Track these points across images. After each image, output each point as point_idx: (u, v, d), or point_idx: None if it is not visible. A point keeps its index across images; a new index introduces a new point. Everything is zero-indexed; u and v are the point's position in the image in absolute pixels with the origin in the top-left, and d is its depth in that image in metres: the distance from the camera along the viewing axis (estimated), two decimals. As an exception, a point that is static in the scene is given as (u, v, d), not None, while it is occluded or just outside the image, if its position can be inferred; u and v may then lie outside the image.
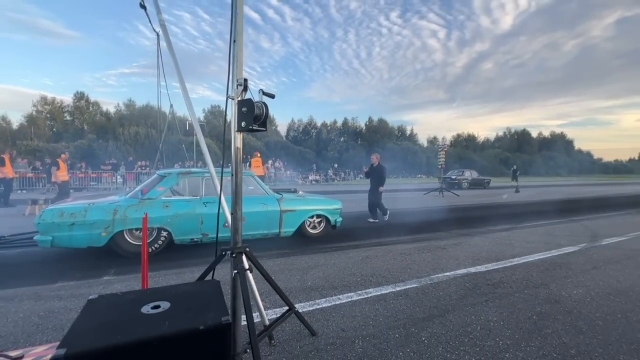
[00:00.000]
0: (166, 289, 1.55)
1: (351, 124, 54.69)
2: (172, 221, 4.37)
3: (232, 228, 1.76)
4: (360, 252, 4.60)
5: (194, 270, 3.71)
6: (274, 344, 2.19)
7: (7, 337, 2.23)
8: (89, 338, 1.10)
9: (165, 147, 11.43)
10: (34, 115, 36.06)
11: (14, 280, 3.35)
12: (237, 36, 1.64)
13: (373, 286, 3.29)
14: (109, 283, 3.34)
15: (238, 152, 1.70)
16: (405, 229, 6.69)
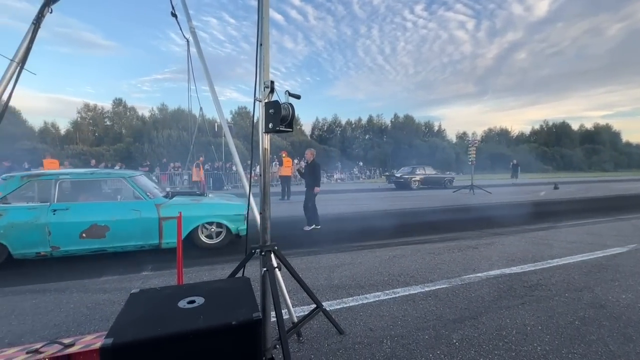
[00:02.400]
0: (200, 285, 1.62)
1: (376, 121, 54.00)
2: (5, 232, 3.78)
3: (260, 227, 1.81)
4: (387, 251, 4.54)
5: (224, 267, 3.84)
6: (302, 340, 2.23)
7: (61, 326, 2.44)
8: (133, 329, 1.18)
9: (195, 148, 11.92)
10: (78, 121, 38.92)
11: (65, 273, 3.66)
12: (263, 40, 1.67)
13: (401, 286, 3.24)
14: (147, 278, 3.54)
15: (266, 152, 1.75)
16: (434, 227, 6.52)
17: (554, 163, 50.15)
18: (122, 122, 40.36)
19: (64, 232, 3.94)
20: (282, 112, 1.59)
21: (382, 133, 52.69)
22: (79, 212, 4.04)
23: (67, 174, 4.32)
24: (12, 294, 3.06)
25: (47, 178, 4.11)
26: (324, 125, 53.05)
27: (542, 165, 46.72)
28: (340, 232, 6.16)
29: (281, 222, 6.26)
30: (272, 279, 1.67)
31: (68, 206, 4.01)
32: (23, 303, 2.84)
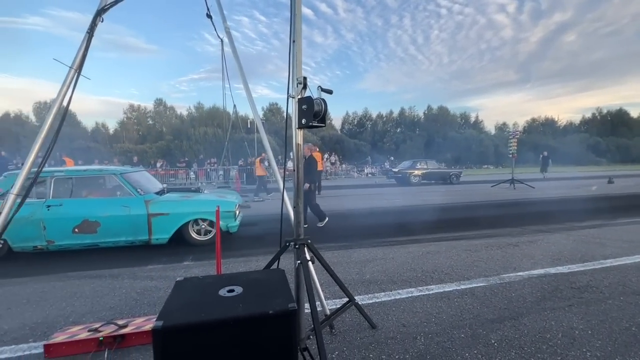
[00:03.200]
0: (238, 275, 1.71)
1: (408, 113, 52.41)
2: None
3: (294, 221, 1.86)
4: (421, 247, 4.44)
5: (259, 259, 3.98)
6: (335, 333, 2.27)
7: (115, 309, 2.69)
8: (179, 314, 1.28)
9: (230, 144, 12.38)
10: (124, 121, 41.93)
11: (117, 261, 4.00)
12: (296, 36, 1.70)
13: (435, 283, 3.16)
14: (189, 267, 3.77)
15: (299, 148, 1.78)
16: (470, 223, 6.26)
17: (609, 155, 45.63)
18: (162, 121, 42.83)
19: (57, 227, 4.08)
20: (315, 108, 1.61)
21: (414, 126, 51.09)
22: (72, 208, 4.17)
23: (62, 171, 4.47)
24: (74, 278, 3.41)
25: (43, 175, 4.20)
26: (354, 119, 52.51)
27: (595, 157, 42.79)
28: (371, 227, 6.12)
29: (311, 216, 6.35)
30: (306, 271, 1.71)
31: (61, 202, 4.16)
32: (83, 287, 3.15)
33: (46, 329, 2.34)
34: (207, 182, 18.19)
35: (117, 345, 2.08)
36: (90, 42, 2.12)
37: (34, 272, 3.64)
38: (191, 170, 19.71)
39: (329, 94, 1.75)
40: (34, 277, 3.47)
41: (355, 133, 49.45)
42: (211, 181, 18.34)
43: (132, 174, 4.92)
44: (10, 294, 2.99)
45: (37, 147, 1.96)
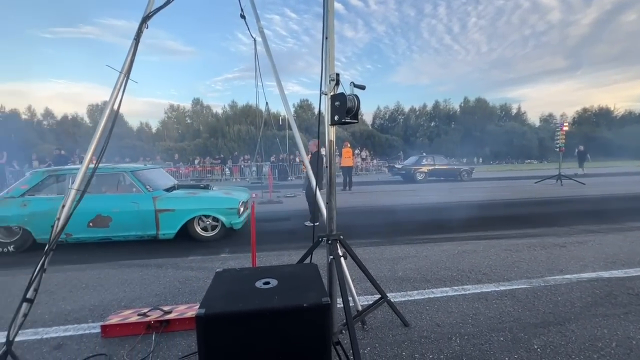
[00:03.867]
0: (273, 268, 1.76)
1: (443, 106, 50.39)
2: (29, 220, 4.29)
3: (327, 217, 1.88)
4: (456, 246, 4.28)
5: (291, 253, 4.07)
6: (367, 329, 2.27)
7: (160, 296, 2.89)
8: (220, 303, 1.35)
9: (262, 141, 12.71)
10: (165, 120, 44.54)
11: (162, 252, 4.30)
12: (328, 33, 1.70)
13: (471, 283, 3.05)
14: (225, 259, 3.96)
15: (331, 145, 1.79)
16: (511, 222, 5.92)
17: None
18: (200, 120, 44.91)
19: (74, 221, 4.27)
20: (347, 104, 1.61)
21: (449, 119, 49.02)
22: (87, 203, 4.32)
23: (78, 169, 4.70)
24: (125, 266, 3.72)
25: (63, 173, 4.62)
26: (386, 113, 51.50)
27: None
28: (403, 223, 6.00)
29: (342, 213, 6.35)
30: (338, 267, 1.73)
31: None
32: (133, 275, 3.43)
33: (102, 312, 2.59)
34: (241, 178, 18.85)
35: (163, 329, 2.25)
36: (137, 48, 2.27)
37: (91, 260, 4.02)
38: (226, 166, 20.50)
39: (361, 90, 1.74)
40: (91, 264, 3.83)
41: (387, 128, 48.51)
42: (245, 177, 18.96)
43: (143, 171, 5.12)
44: (72, 279, 3.33)
45: (93, 147, 2.15)
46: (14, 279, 3.35)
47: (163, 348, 2.08)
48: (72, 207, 2.05)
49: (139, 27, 2.32)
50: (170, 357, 1.97)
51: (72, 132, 33.72)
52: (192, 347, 2.07)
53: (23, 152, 17.57)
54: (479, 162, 39.66)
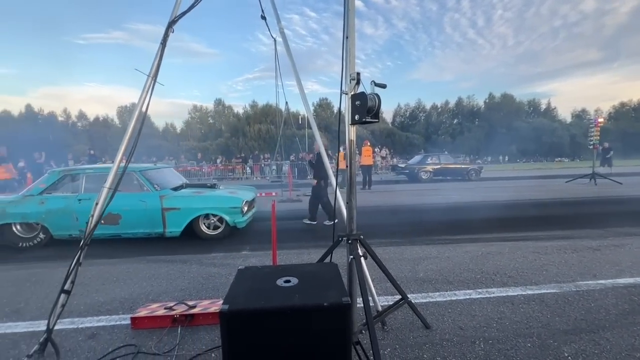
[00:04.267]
0: (294, 267, 1.79)
1: (466, 103, 48.85)
2: (46, 217, 4.56)
3: (347, 217, 1.88)
4: (480, 247, 4.15)
5: (310, 252, 4.10)
6: (387, 329, 2.25)
7: (185, 291, 3.00)
8: (242, 299, 1.39)
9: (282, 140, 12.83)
10: (189, 120, 45.94)
11: (186, 249, 4.45)
12: (349, 32, 1.69)
13: (496, 286, 2.95)
14: (246, 257, 4.04)
15: (352, 144, 1.79)
16: (540, 223, 5.66)
17: None
18: (221, 120, 45.97)
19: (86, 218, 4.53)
20: (368, 103, 1.60)
21: (473, 116, 47.47)
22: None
23: (91, 169, 5.02)
24: (152, 262, 3.88)
25: (77, 172, 4.83)
26: (406, 111, 50.56)
27: None
28: (424, 223, 5.88)
29: (362, 212, 6.31)
30: (359, 266, 1.73)
31: (90, 196, 4.57)
32: (159, 270, 3.58)
33: (131, 304, 2.71)
34: (261, 177, 19.14)
35: (188, 323, 2.33)
36: (163, 52, 2.36)
37: (121, 255, 4.22)
38: (247, 165, 20.88)
39: (382, 89, 1.72)
40: (121, 259, 4.03)
41: (407, 126, 47.65)
42: (265, 176, 19.24)
43: (152, 171, 5.27)
44: (104, 272, 3.52)
45: (123, 147, 2.26)
46: (53, 271, 3.58)
47: (188, 341, 2.16)
48: (104, 204, 2.16)
49: (165, 32, 2.41)
50: (195, 350, 2.04)
51: (103, 133, 35.49)
52: (215, 341, 2.13)
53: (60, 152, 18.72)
54: (504, 160, 38.19)
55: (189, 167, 19.80)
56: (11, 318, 2.54)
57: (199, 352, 2.02)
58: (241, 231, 5.47)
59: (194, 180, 17.67)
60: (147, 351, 2.05)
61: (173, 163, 20.15)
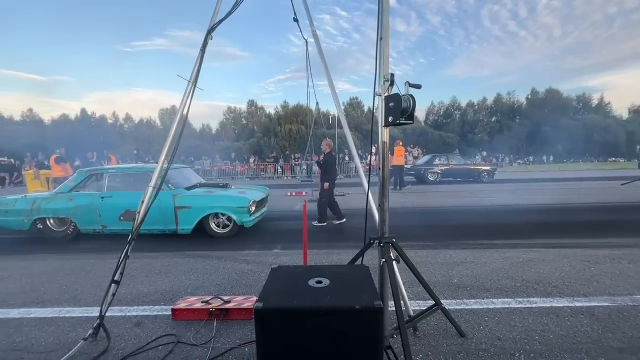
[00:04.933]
0: (325, 268, 1.80)
1: (506, 99, 46.12)
2: (74, 213, 4.98)
3: (379, 219, 1.86)
4: (521, 253, 3.91)
5: (340, 252, 4.10)
6: (419, 335, 2.20)
7: (220, 286, 3.13)
8: (276, 298, 1.43)
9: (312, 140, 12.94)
10: (224, 122, 47.75)
11: (222, 245, 4.64)
12: (383, 33, 1.68)
13: (539, 296, 2.76)
14: (278, 255, 4.13)
15: (385, 146, 1.77)
16: (590, 229, 5.22)
17: None
18: (254, 121, 47.26)
19: (108, 215, 4.94)
20: (403, 105, 1.57)
21: (513, 114, 44.70)
22: (118, 199, 5.00)
23: (114, 169, 5.40)
24: (190, 257, 4.10)
25: (102, 172, 5.24)
26: (440, 109, 48.77)
27: None
28: (460, 227, 5.65)
29: (392, 213, 6.19)
30: (391, 270, 1.70)
31: (112, 194, 5.00)
32: (197, 265, 3.77)
33: (172, 296, 2.89)
34: (292, 177, 19.44)
35: (223, 317, 2.44)
36: (203, 58, 2.49)
37: (162, 249, 4.50)
38: (278, 165, 21.30)
39: (417, 89, 1.68)
40: (163, 253, 4.30)
41: (441, 124, 45.96)
42: (296, 175, 19.51)
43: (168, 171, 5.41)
44: (147, 265, 3.77)
45: (167, 149, 2.41)
46: (104, 262, 3.91)
47: (223, 335, 2.25)
48: (149, 202, 2.32)
49: (205, 39, 2.53)
50: (230, 344, 2.13)
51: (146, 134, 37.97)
52: (249, 336, 2.21)
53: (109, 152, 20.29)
54: (549, 160, 35.55)
55: (223, 167, 20.61)
56: (70, 304, 2.81)
57: (234, 346, 2.10)
58: (273, 230, 5.63)
59: (227, 180, 18.37)
60: (186, 342, 2.17)
61: (208, 163, 21.08)
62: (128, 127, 44.83)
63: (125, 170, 5.50)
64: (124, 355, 2.03)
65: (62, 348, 2.13)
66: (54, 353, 2.08)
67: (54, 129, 36.75)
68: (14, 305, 2.79)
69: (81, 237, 5.15)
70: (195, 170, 19.17)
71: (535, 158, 35.51)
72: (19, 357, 2.06)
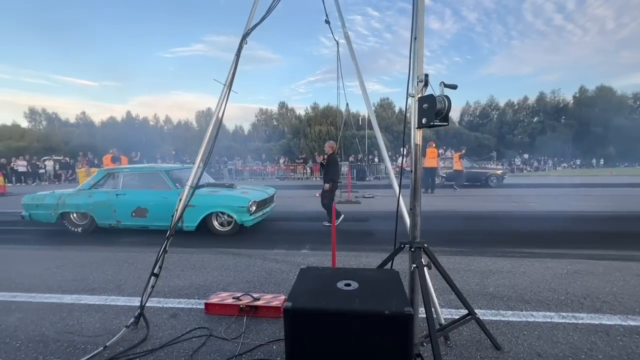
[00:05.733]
0: (354, 271, 1.79)
1: (550, 98, 43.01)
2: (92, 208, 5.42)
3: (410, 223, 1.82)
4: (565, 264, 3.64)
5: (369, 255, 4.05)
6: (450, 345, 2.11)
7: (250, 283, 3.22)
8: (305, 299, 1.45)
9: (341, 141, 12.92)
10: (255, 123, 49.05)
11: (252, 244, 4.77)
12: (418, 33, 1.64)
13: (586, 311, 2.55)
14: (306, 255, 4.17)
15: (417, 148, 1.72)
16: (647, 241, 4.72)
17: None
18: (284, 122, 48.06)
19: (122, 211, 5.34)
20: (437, 106, 1.52)
21: (558, 113, 41.60)
22: (131, 197, 5.39)
23: (128, 169, 5.84)
24: (222, 254, 4.26)
25: (117, 171, 5.71)
26: (476, 109, 46.59)
27: None
28: (496, 233, 5.37)
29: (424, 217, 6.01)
30: (422, 276, 1.66)
31: (125, 192, 5.39)
32: (228, 262, 3.90)
33: (205, 291, 3.01)
34: (320, 177, 19.52)
35: (252, 313, 2.50)
36: (237, 62, 2.57)
37: (197, 245, 4.71)
38: (307, 165, 21.49)
39: (452, 90, 1.63)
40: (197, 249, 4.50)
41: (477, 125, 43.89)
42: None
43: (176, 171, 5.90)
44: (183, 260, 3.97)
45: (203, 150, 2.52)
46: (144, 255, 4.17)
47: (252, 331, 2.31)
48: (187, 200, 2.44)
49: (239, 44, 2.62)
50: (258, 340, 2.18)
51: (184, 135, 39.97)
52: (277, 334, 2.25)
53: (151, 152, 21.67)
54: (598, 164, 32.68)
55: (254, 167, 21.18)
56: (114, 293, 3.03)
57: (262, 343, 2.15)
58: (301, 230, 5.69)
59: (258, 180, 18.82)
60: (218, 335, 2.25)
61: (240, 163, 21.75)
62: (167, 129, 47.45)
63: (137, 170, 5.96)
64: (161, 344, 2.15)
65: (107, 333, 2.30)
66: (100, 337, 2.26)
67: (102, 130, 39.87)
68: (68, 292, 3.06)
69: (125, 231, 5.53)
70: (228, 170, 19.97)
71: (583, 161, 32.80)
72: (71, 339, 2.26)
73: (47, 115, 45.94)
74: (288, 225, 6.04)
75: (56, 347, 2.16)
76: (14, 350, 2.14)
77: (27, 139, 35.35)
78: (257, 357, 2.01)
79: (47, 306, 2.77)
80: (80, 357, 2.03)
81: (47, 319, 2.55)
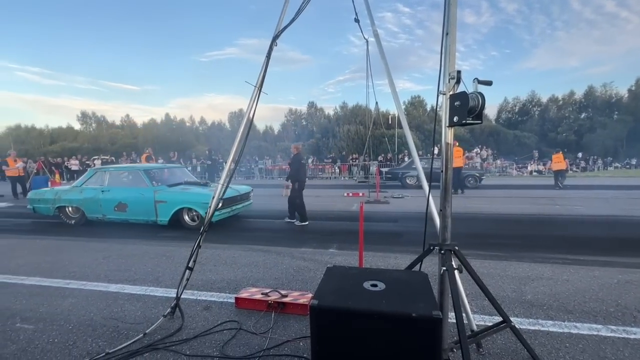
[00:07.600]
0: (381, 272, 1.78)
1: (601, 92, 39.41)
2: (83, 203, 6.06)
3: (440, 225, 1.76)
4: (615, 273, 3.34)
5: (397, 256, 3.98)
6: (483, 353, 2.03)
7: (279, 279, 3.29)
8: (331, 297, 1.46)
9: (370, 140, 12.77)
10: (285, 123, 49.83)
11: (281, 241, 4.87)
12: (449, 28, 1.58)
13: (639, 325, 2.32)
14: (333, 255, 4.18)
15: (448, 147, 1.67)
16: None
17: None
18: (313, 122, 48.37)
19: (106, 205, 5.92)
20: (470, 104, 1.46)
21: (610, 108, 38.08)
22: (113, 193, 5.96)
23: (114, 168, 6.49)
24: (252, 250, 4.39)
25: (104, 170, 6.37)
26: (515, 105, 43.89)
27: None
28: (534, 237, 5.04)
29: (454, 219, 5.77)
30: (452, 280, 1.60)
31: (109, 189, 5.99)
32: (258, 258, 4.01)
33: (236, 285, 3.13)
34: (349, 177, 19.43)
35: (280, 310, 2.56)
36: (268, 65, 2.64)
37: (229, 242, 4.89)
38: (336, 165, 21.48)
39: (487, 86, 1.55)
40: (229, 245, 4.67)
41: (516, 122, 41.34)
42: (352, 176, 19.45)
43: (155, 170, 6.45)
44: (215, 255, 4.14)
45: (234, 149, 2.62)
46: (180, 249, 4.41)
47: (280, 327, 2.37)
48: (219, 197, 2.55)
49: (270, 46, 2.68)
50: (285, 336, 2.23)
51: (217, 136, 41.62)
52: (303, 331, 2.29)
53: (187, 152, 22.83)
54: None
55: (283, 166, 21.53)
56: (154, 284, 3.24)
57: (289, 339, 2.19)
58: (329, 229, 5.69)
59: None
60: (247, 329, 2.33)
61: (270, 162, 22.20)
62: (202, 129, 49.61)
63: (121, 169, 6.59)
64: (195, 334, 2.27)
65: (147, 321, 2.47)
66: (140, 325, 2.42)
67: (144, 131, 42.56)
68: (113, 281, 3.31)
69: (164, 227, 5.86)
70: (258, 169, 20.49)
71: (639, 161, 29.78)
72: (115, 325, 2.45)
73: (97, 118, 49.90)
74: (316, 225, 6.08)
75: (102, 332, 2.35)
76: (67, 332, 2.36)
77: (79, 140, 38.73)
78: (284, 352, 2.06)
79: (96, 294, 3.02)
80: (123, 341, 2.19)
81: (95, 305, 2.78)
